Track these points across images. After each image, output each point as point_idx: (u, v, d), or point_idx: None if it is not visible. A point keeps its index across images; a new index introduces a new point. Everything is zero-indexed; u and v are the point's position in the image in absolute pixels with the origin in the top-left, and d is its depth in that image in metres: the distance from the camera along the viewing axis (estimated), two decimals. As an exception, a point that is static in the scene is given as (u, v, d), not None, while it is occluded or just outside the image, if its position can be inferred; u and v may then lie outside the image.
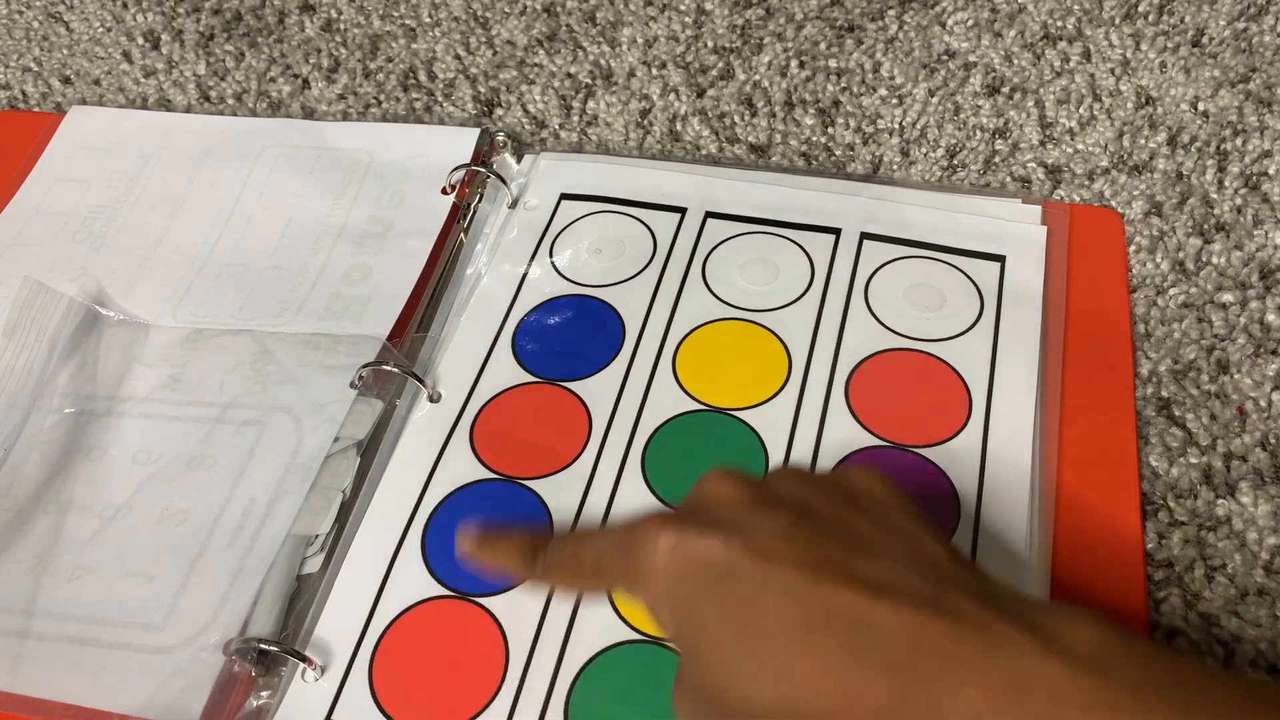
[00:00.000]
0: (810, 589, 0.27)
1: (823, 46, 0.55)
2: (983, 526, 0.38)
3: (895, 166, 0.50)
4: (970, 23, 0.55)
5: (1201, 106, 0.50)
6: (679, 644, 0.29)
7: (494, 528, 0.34)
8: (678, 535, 0.29)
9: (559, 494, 0.41)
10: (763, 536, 0.28)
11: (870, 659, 0.26)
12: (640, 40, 0.57)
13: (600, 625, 0.37)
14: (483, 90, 0.56)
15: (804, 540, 0.28)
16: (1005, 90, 0.52)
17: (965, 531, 0.38)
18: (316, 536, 0.41)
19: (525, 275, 0.48)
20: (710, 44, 0.56)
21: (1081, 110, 0.51)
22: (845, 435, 0.41)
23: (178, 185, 0.54)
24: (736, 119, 0.53)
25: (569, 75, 0.56)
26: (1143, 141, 0.49)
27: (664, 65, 0.55)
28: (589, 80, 0.56)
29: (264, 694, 0.37)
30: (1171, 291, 0.44)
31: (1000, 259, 0.45)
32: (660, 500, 0.40)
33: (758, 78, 0.54)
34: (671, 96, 0.54)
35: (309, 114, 0.57)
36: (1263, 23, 0.52)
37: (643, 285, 0.47)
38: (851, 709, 0.26)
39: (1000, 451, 0.40)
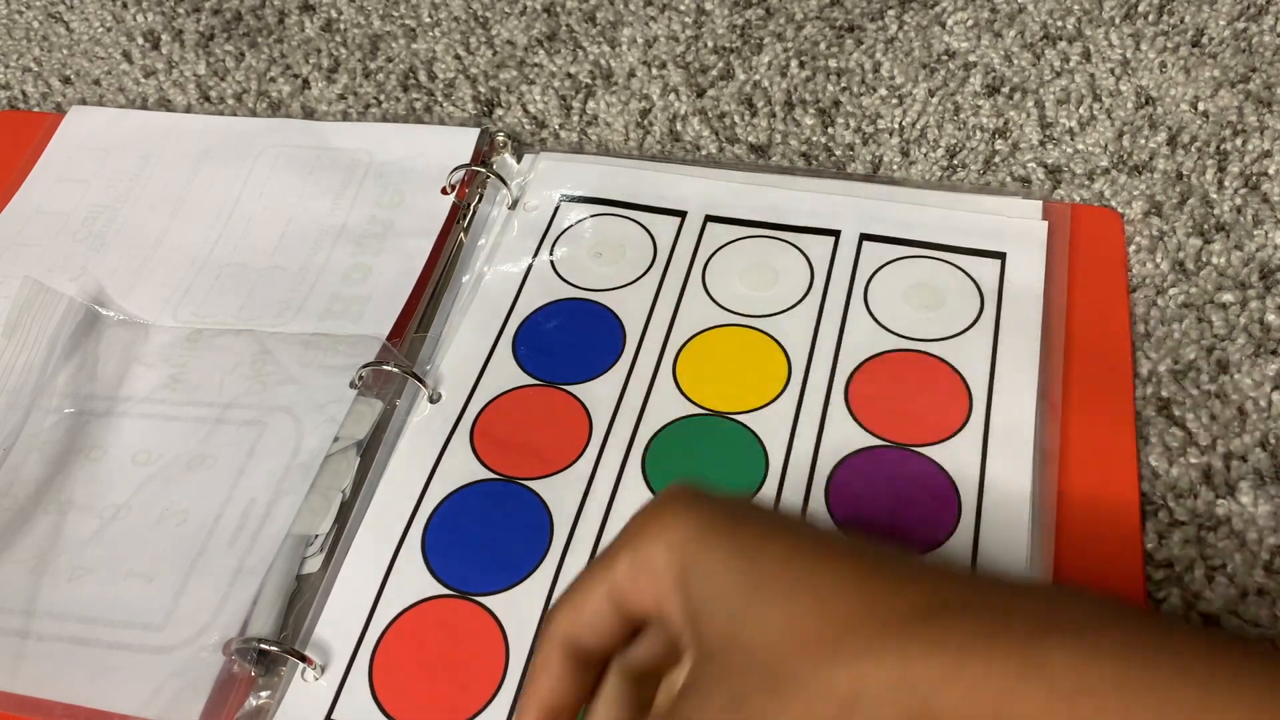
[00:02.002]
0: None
1: (823, 46, 0.55)
2: (983, 525, 0.38)
3: (895, 166, 0.50)
4: (970, 23, 0.55)
5: (1201, 106, 0.50)
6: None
7: None
8: None
9: (559, 494, 0.41)
10: None
11: None
12: (640, 40, 0.57)
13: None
14: (483, 90, 0.56)
15: None
16: (1005, 90, 0.52)
17: (966, 530, 0.38)
18: (316, 536, 0.41)
19: (526, 277, 0.48)
20: (710, 44, 0.56)
21: (1081, 110, 0.51)
22: (845, 436, 0.41)
23: (178, 185, 0.54)
24: (736, 119, 0.53)
25: (569, 75, 0.56)
26: (1143, 141, 0.49)
27: (664, 65, 0.55)
28: (589, 80, 0.56)
29: (264, 694, 0.37)
30: (1171, 291, 0.44)
31: (1001, 256, 0.45)
32: (660, 500, 0.40)
33: (758, 78, 0.54)
34: (671, 96, 0.54)
35: (309, 114, 0.57)
36: (1263, 23, 0.52)
37: (643, 291, 0.47)
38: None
39: (1000, 450, 0.40)
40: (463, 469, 0.42)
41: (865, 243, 0.47)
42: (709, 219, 0.49)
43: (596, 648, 0.29)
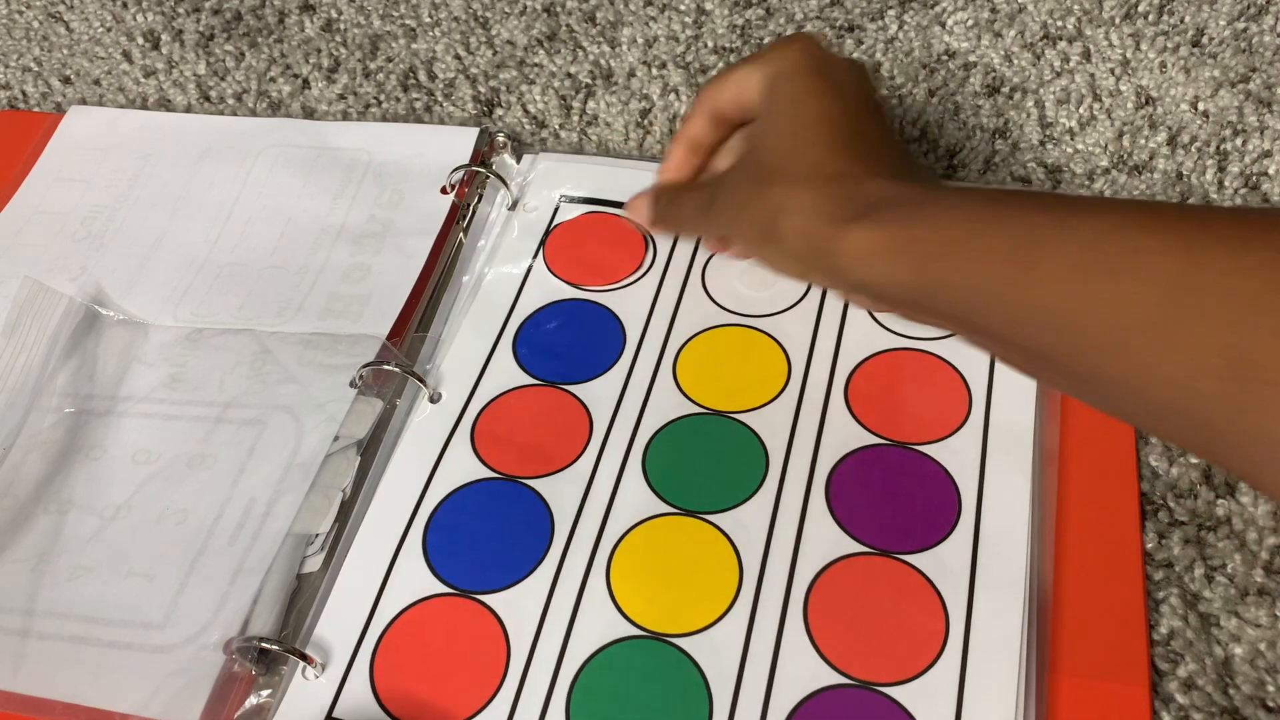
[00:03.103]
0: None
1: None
2: (983, 524, 0.38)
3: (895, 166, 0.50)
4: (970, 23, 0.55)
5: (1201, 106, 0.50)
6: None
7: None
8: None
9: (559, 493, 0.41)
10: None
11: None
12: (640, 40, 0.57)
13: (601, 622, 0.37)
14: (483, 90, 0.56)
15: None
16: (1005, 90, 0.52)
17: (965, 529, 0.38)
18: (317, 535, 0.41)
19: (526, 277, 0.48)
20: (710, 44, 0.56)
21: (1081, 110, 0.51)
22: (846, 435, 0.41)
23: (177, 185, 0.54)
24: (736, 119, 0.53)
25: (569, 75, 0.56)
26: (1143, 141, 0.49)
27: (664, 65, 0.56)
28: (589, 80, 0.56)
29: (264, 693, 0.37)
30: (1171, 291, 0.44)
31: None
32: (662, 500, 0.40)
33: (758, 78, 0.54)
34: (671, 96, 0.54)
35: (309, 114, 0.57)
36: (1263, 23, 0.52)
37: (643, 291, 0.47)
38: None
39: (1000, 448, 0.40)
40: (463, 468, 0.42)
41: (865, 242, 0.47)
42: (709, 219, 0.49)
43: (728, 113, 0.41)
